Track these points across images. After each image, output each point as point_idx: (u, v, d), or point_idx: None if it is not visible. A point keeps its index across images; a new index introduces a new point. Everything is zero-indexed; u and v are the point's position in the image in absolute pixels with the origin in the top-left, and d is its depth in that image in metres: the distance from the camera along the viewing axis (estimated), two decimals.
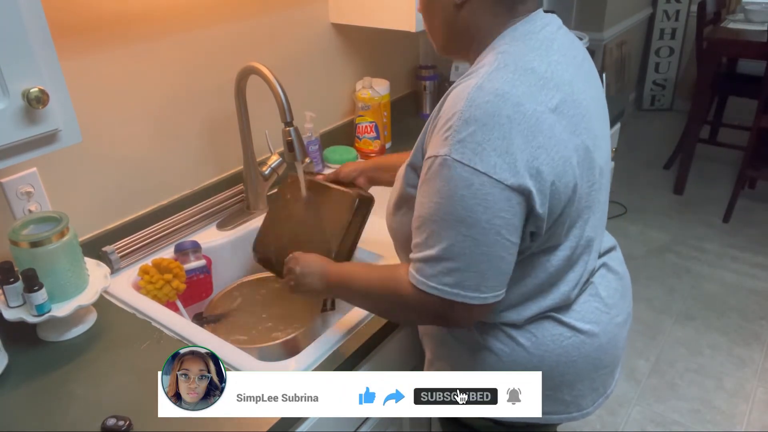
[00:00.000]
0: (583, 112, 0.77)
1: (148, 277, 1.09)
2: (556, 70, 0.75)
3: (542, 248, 0.80)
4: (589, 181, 0.79)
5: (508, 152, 0.69)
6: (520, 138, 0.69)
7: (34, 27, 0.71)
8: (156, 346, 0.94)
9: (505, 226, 0.71)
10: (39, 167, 1.02)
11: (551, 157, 0.71)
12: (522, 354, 0.85)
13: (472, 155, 0.69)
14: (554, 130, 0.72)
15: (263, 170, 1.31)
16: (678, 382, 2.05)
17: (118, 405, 0.83)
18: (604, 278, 0.91)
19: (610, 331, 0.90)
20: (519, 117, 0.69)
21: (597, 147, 0.79)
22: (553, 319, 0.85)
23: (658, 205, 3.12)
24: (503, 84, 0.71)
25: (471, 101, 0.70)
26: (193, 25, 1.19)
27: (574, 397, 0.90)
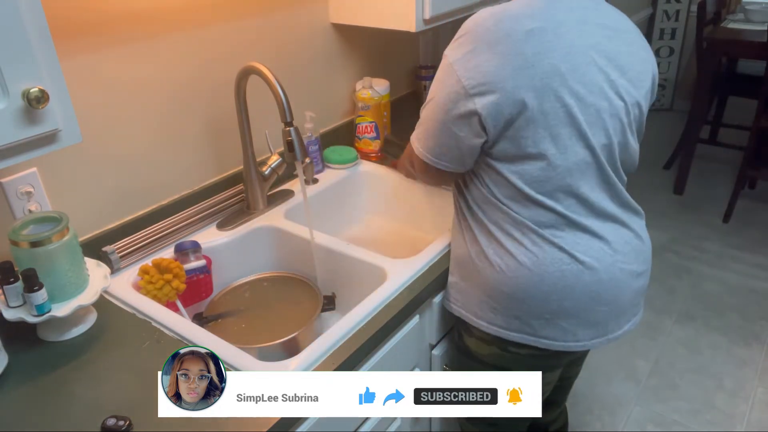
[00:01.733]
0: (567, 47, 0.89)
1: (148, 277, 1.08)
2: (553, 10, 0.91)
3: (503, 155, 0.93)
4: (561, 101, 0.89)
5: (472, 51, 0.90)
6: (485, 44, 0.89)
7: (34, 27, 0.71)
8: (156, 346, 0.94)
9: (445, 105, 0.93)
10: (39, 167, 1.02)
11: (503, 63, 0.87)
12: (524, 272, 0.95)
13: (452, 51, 0.93)
14: (517, 45, 0.88)
15: (263, 170, 1.31)
16: (678, 382, 2.05)
17: (118, 405, 0.83)
18: (618, 232, 0.99)
19: (612, 271, 0.97)
20: (493, 29, 0.89)
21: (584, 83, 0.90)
22: (554, 245, 0.95)
23: (658, 205, 3.12)
24: (500, 9, 0.92)
25: (473, 17, 0.93)
26: (193, 25, 1.19)
27: (571, 326, 0.97)
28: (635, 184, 0.94)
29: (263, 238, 1.31)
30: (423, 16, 1.37)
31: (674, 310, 2.39)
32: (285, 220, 1.31)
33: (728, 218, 2.95)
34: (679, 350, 2.19)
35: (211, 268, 1.20)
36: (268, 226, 1.30)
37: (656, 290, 2.50)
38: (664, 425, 1.88)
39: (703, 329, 2.29)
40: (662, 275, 2.59)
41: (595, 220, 0.97)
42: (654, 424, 1.89)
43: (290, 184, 1.46)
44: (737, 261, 2.68)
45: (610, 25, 0.96)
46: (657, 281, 2.55)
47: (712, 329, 2.29)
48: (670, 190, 3.27)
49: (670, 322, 2.33)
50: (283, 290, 1.24)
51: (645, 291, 1.07)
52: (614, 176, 0.98)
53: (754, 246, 2.77)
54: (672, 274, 2.60)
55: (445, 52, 0.94)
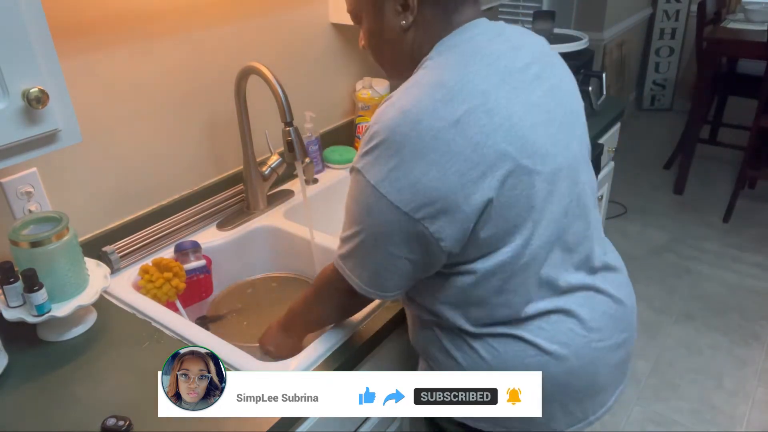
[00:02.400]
0: (505, 119, 0.74)
1: (148, 276, 1.08)
2: (471, 81, 0.74)
3: (467, 259, 0.79)
4: (517, 189, 0.75)
5: (398, 168, 0.72)
6: (411, 154, 0.72)
7: (34, 27, 0.71)
8: (156, 346, 0.94)
9: (382, 234, 0.76)
10: (39, 167, 1.02)
11: (443, 173, 0.71)
12: (483, 366, 0.84)
13: (369, 167, 0.74)
14: (451, 145, 0.71)
15: (263, 170, 1.31)
16: (678, 382, 2.05)
17: (118, 405, 0.83)
18: (589, 299, 0.86)
19: (584, 354, 0.85)
20: (414, 134, 0.72)
21: (533, 153, 0.75)
22: (515, 336, 0.83)
23: (658, 205, 3.12)
24: (409, 101, 0.74)
25: (378, 117, 0.75)
26: (194, 25, 1.19)
27: (547, 420, 0.86)
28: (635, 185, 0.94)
29: (263, 238, 1.31)
30: None
31: (674, 310, 2.39)
32: (285, 220, 1.31)
33: (728, 218, 2.95)
34: (679, 350, 2.19)
35: (211, 268, 1.20)
36: (268, 226, 1.30)
37: (656, 290, 2.50)
38: (664, 425, 1.88)
39: (703, 329, 2.29)
40: (662, 275, 2.59)
41: (562, 296, 0.84)
42: (654, 424, 1.89)
43: (290, 184, 1.46)
44: (737, 261, 2.68)
45: (529, 60, 0.81)
46: (657, 281, 2.55)
47: (712, 329, 2.29)
48: (670, 190, 3.27)
49: (670, 322, 2.33)
50: (286, 290, 1.24)
51: (629, 359, 0.95)
52: (586, 236, 0.86)
53: (754, 246, 2.77)
54: (672, 274, 2.60)
55: (357, 166, 0.76)
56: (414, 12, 0.78)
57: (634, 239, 2.84)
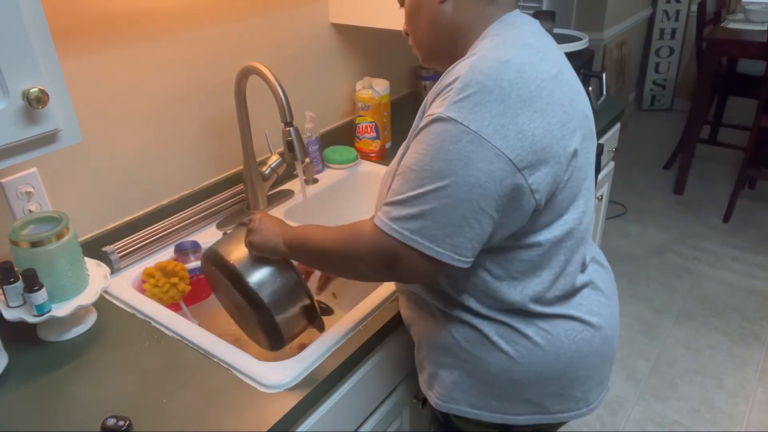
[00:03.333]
0: (577, 85, 0.81)
1: (154, 280, 1.09)
2: (549, 48, 0.80)
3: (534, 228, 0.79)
4: (587, 151, 0.82)
5: (503, 114, 0.70)
6: (518, 101, 0.71)
7: (34, 27, 0.71)
8: (156, 346, 0.94)
9: (480, 187, 0.70)
10: (39, 167, 1.02)
11: (548, 122, 0.73)
12: (538, 354, 0.84)
13: (467, 113, 0.70)
14: (554, 96, 0.74)
15: (263, 170, 1.31)
16: (678, 382, 2.05)
17: (118, 405, 0.83)
18: (597, 271, 0.92)
19: (612, 324, 0.91)
20: (520, 81, 0.72)
21: (592, 118, 0.84)
22: (564, 315, 0.85)
23: (658, 205, 3.12)
24: (506, 53, 0.74)
25: (474, 67, 0.72)
26: (193, 25, 1.19)
27: (583, 393, 0.90)
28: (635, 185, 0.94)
29: None
30: None
31: (674, 310, 2.39)
32: (285, 220, 1.31)
33: (728, 218, 2.95)
34: (679, 350, 2.19)
35: None
36: None
37: (656, 290, 2.50)
38: (664, 425, 1.88)
39: (703, 329, 2.29)
40: (662, 275, 2.59)
41: (587, 270, 0.89)
42: (654, 424, 1.89)
43: (290, 184, 1.46)
44: (737, 261, 2.68)
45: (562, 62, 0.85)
46: (657, 281, 2.55)
47: (712, 329, 2.29)
48: (670, 190, 3.27)
49: (670, 322, 2.33)
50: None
51: None
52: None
53: (754, 246, 2.77)
54: (672, 274, 2.60)
55: (447, 114, 0.71)
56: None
57: (634, 239, 2.84)
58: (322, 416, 0.90)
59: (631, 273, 2.59)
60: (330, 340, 0.93)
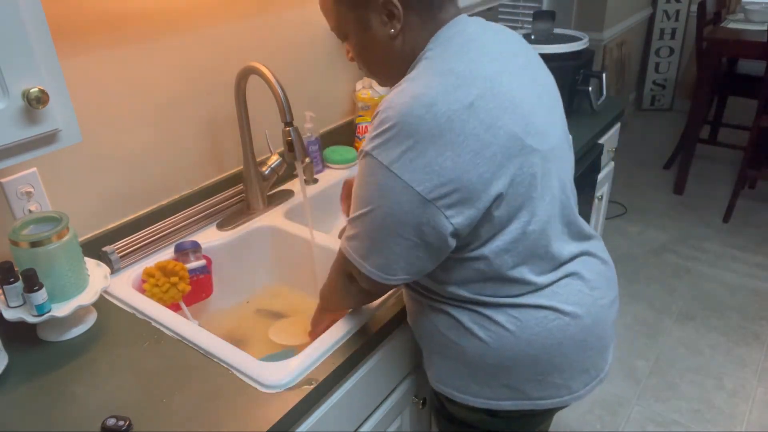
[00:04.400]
0: (509, 102, 0.78)
1: (154, 280, 1.09)
2: (477, 68, 0.78)
3: (477, 242, 0.82)
4: (524, 168, 0.80)
5: (412, 149, 0.74)
6: (427, 137, 0.74)
7: (34, 27, 0.71)
8: (156, 346, 0.94)
9: (393, 216, 0.77)
10: (39, 167, 1.02)
11: (457, 153, 0.74)
12: (509, 339, 0.87)
13: (381, 149, 0.76)
14: (465, 127, 0.75)
15: (263, 170, 1.31)
16: (678, 382, 2.05)
17: (118, 405, 0.83)
18: (586, 263, 0.93)
19: (594, 312, 0.91)
20: (429, 116, 0.74)
21: (535, 133, 0.81)
22: (534, 305, 0.87)
23: (658, 205, 3.12)
24: (421, 87, 0.76)
25: (390, 103, 0.76)
26: (194, 25, 1.19)
27: (564, 380, 0.92)
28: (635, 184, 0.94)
29: (263, 238, 1.31)
30: None
31: (674, 310, 2.39)
32: (285, 220, 1.31)
33: (728, 218, 2.95)
34: (679, 350, 2.19)
35: (211, 268, 1.20)
36: (268, 226, 1.30)
37: (656, 290, 2.50)
38: (664, 425, 1.88)
39: (703, 329, 2.29)
40: (662, 275, 2.59)
41: (566, 264, 0.91)
42: (654, 424, 1.89)
43: (290, 184, 1.47)
44: (737, 261, 2.68)
45: (516, 49, 0.86)
46: (657, 281, 2.55)
47: (712, 329, 2.29)
48: (670, 190, 3.27)
49: (670, 322, 2.33)
50: None
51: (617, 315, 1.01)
52: (574, 210, 0.92)
53: (754, 246, 2.77)
54: (672, 274, 2.60)
55: (367, 149, 0.77)
56: (401, 20, 0.81)
57: (634, 239, 2.84)
58: (322, 416, 0.90)
59: (631, 273, 2.58)
60: (330, 340, 0.93)
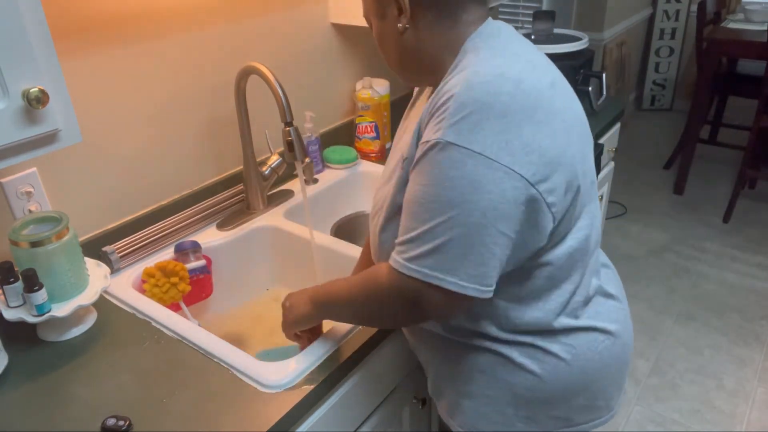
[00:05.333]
0: (570, 90, 0.79)
1: (154, 280, 1.09)
2: (536, 56, 0.77)
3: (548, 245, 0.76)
4: (589, 155, 0.80)
5: (507, 130, 0.66)
6: (521, 114, 0.67)
7: (34, 27, 0.71)
8: (156, 346, 0.94)
9: (494, 210, 0.67)
10: (39, 167, 1.02)
11: (552, 130, 0.70)
12: (564, 370, 0.82)
13: (468, 135, 0.66)
14: (553, 104, 0.71)
15: (263, 170, 1.31)
16: (678, 382, 2.05)
17: (118, 405, 0.83)
18: (606, 275, 0.91)
19: (627, 328, 0.90)
20: (520, 93, 0.68)
21: (587, 124, 0.82)
22: (584, 327, 0.83)
23: (658, 205, 3.12)
24: (500, 66, 0.70)
25: (468, 84, 0.68)
26: (194, 25, 1.19)
27: (606, 401, 0.89)
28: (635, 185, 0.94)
29: (263, 238, 1.31)
30: None
31: (674, 310, 2.39)
32: (285, 220, 1.31)
33: (728, 218, 2.95)
34: (679, 350, 2.19)
35: (211, 268, 1.20)
36: (268, 226, 1.30)
37: (656, 290, 2.50)
38: (664, 425, 1.88)
39: (703, 329, 2.29)
40: (662, 275, 2.59)
41: (599, 276, 0.88)
42: (654, 424, 1.89)
43: (290, 184, 1.46)
44: (737, 261, 2.68)
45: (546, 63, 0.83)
46: (657, 281, 2.55)
47: (712, 329, 2.29)
48: (670, 190, 3.27)
49: (670, 322, 2.33)
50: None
51: None
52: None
53: (754, 246, 2.77)
54: (672, 274, 2.60)
55: (445, 138, 0.67)
56: (407, 15, 0.76)
57: (634, 239, 2.84)
58: (322, 416, 0.90)
59: (631, 273, 2.58)
60: (330, 340, 0.93)
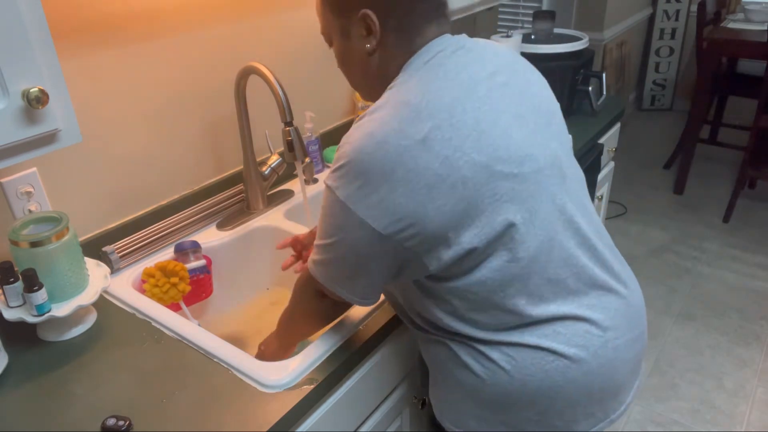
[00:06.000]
0: (472, 129, 0.75)
1: (154, 280, 1.09)
2: (434, 98, 0.76)
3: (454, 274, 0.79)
4: (498, 195, 0.76)
5: (366, 185, 0.74)
6: (379, 174, 0.73)
7: (34, 27, 0.71)
8: (156, 346, 0.94)
9: (355, 249, 0.78)
10: (39, 167, 1.02)
11: (410, 189, 0.73)
12: (503, 377, 0.82)
13: (338, 183, 0.76)
14: (418, 162, 0.73)
15: (263, 170, 1.31)
16: (678, 382, 2.05)
17: (118, 405, 0.83)
18: (599, 301, 0.85)
19: (602, 354, 0.84)
20: (380, 154, 0.73)
21: (508, 158, 0.77)
22: (530, 345, 0.81)
23: (658, 205, 3.12)
24: (374, 124, 0.76)
25: (348, 139, 0.77)
26: (193, 25, 1.19)
27: (566, 423, 0.86)
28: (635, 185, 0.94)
29: (263, 238, 1.31)
30: None
31: (674, 310, 2.39)
32: (285, 220, 1.31)
33: (728, 218, 2.96)
34: (679, 350, 2.19)
35: (211, 268, 1.20)
36: (268, 226, 1.30)
37: (656, 290, 2.50)
38: (664, 425, 1.88)
39: (703, 329, 2.29)
40: (662, 275, 2.59)
41: (575, 299, 0.83)
42: (654, 424, 1.89)
43: (290, 184, 1.47)
44: (737, 261, 2.68)
45: (493, 69, 0.82)
46: (657, 281, 2.55)
47: (712, 329, 2.29)
48: (670, 190, 3.27)
49: (670, 322, 2.33)
50: None
51: (643, 353, 0.94)
52: (591, 236, 0.85)
53: (754, 246, 2.77)
54: (672, 274, 2.60)
55: (328, 183, 0.78)
56: (377, 36, 0.81)
57: (634, 239, 2.84)
58: (322, 416, 0.90)
59: None
60: (330, 340, 0.93)
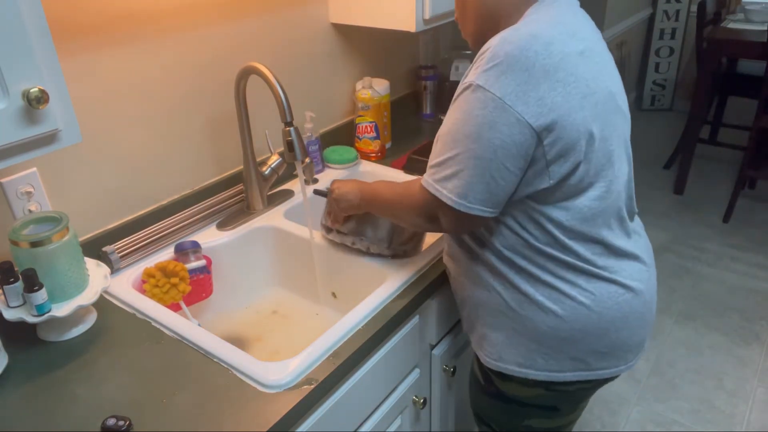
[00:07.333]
0: (605, 63, 0.87)
1: (154, 280, 1.09)
2: (581, 26, 0.87)
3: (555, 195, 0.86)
4: (613, 125, 0.87)
5: (527, 82, 0.77)
6: (542, 71, 0.78)
7: (34, 27, 0.71)
8: (156, 346, 0.94)
9: (504, 149, 0.80)
10: (39, 167, 1.02)
11: (568, 91, 0.79)
12: (583, 312, 0.91)
13: (494, 81, 0.78)
14: (577, 69, 0.81)
15: (263, 170, 1.31)
16: (678, 382, 2.05)
17: (118, 405, 0.83)
18: (637, 241, 0.98)
19: (650, 288, 0.97)
20: (545, 53, 0.78)
21: (622, 98, 0.90)
22: (608, 280, 0.91)
23: (658, 205, 3.12)
24: (536, 27, 0.81)
25: (504, 39, 0.80)
26: (194, 25, 1.19)
27: (624, 352, 0.96)
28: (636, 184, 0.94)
29: (263, 238, 1.31)
30: (423, 16, 1.37)
31: (674, 310, 2.39)
32: (285, 220, 1.31)
33: (728, 218, 2.95)
34: (679, 350, 2.19)
35: (211, 268, 1.20)
36: (268, 226, 1.30)
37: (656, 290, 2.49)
38: (664, 425, 1.88)
39: (703, 329, 2.29)
40: (662, 275, 2.59)
41: (629, 238, 0.95)
42: (654, 424, 1.89)
43: (290, 184, 1.47)
44: (737, 261, 2.68)
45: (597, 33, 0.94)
46: (657, 281, 2.54)
47: (712, 329, 2.29)
48: (670, 190, 3.27)
49: (670, 322, 2.33)
50: None
51: None
52: (633, 183, 0.99)
53: (754, 246, 2.77)
54: (672, 274, 2.60)
55: (476, 82, 0.80)
56: None
57: None
58: (322, 416, 0.90)
59: None
60: (330, 340, 0.93)
